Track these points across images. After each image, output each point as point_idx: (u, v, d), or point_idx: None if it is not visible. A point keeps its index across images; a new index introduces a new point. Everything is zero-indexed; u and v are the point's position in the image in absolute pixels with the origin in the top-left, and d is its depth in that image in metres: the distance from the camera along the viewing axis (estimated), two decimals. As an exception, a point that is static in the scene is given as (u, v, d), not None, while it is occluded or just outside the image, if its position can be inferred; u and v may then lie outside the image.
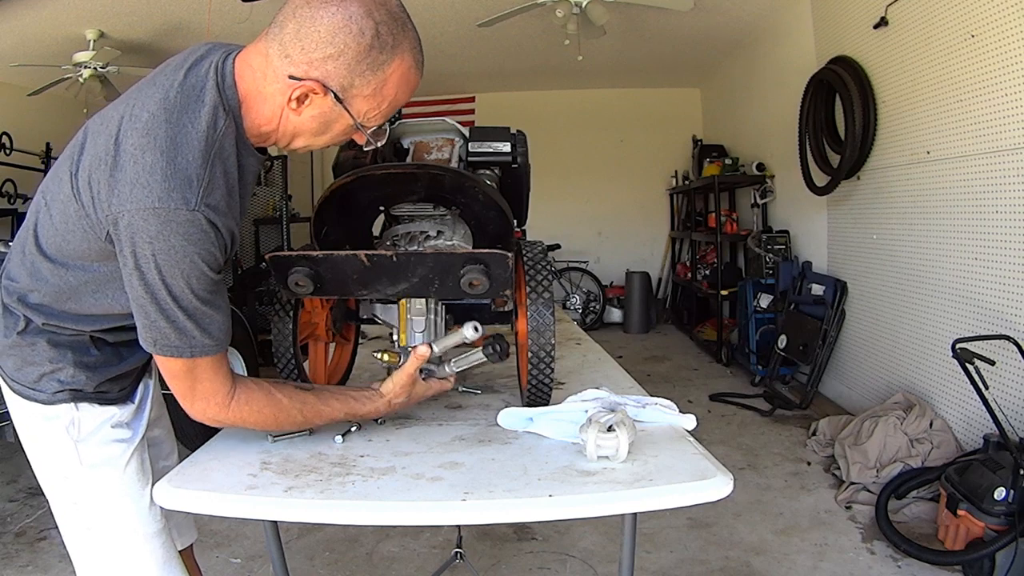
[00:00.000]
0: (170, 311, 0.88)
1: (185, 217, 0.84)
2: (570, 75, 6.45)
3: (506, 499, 0.90)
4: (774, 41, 4.83)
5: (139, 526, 1.06)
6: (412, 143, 1.37)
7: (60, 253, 0.95)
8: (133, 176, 0.84)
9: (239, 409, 0.98)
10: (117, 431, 1.06)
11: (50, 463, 1.05)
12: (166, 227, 0.84)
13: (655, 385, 4.45)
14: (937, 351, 2.90)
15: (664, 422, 1.15)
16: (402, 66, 0.92)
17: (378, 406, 1.12)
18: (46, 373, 1.00)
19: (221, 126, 0.89)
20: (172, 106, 0.87)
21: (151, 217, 0.84)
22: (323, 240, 1.21)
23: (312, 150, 1.02)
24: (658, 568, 2.26)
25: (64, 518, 1.07)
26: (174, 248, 0.85)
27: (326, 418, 1.07)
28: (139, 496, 1.07)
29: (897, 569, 2.20)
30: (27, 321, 1.00)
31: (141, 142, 0.85)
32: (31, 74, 4.53)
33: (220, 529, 2.48)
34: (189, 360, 0.92)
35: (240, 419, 0.99)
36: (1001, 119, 2.54)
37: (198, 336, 0.91)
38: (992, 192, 2.62)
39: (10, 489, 2.93)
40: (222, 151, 0.90)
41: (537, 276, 1.16)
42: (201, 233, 0.86)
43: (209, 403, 0.96)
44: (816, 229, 4.28)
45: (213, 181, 0.88)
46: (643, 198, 7.29)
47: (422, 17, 4.69)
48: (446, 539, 2.37)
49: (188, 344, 0.90)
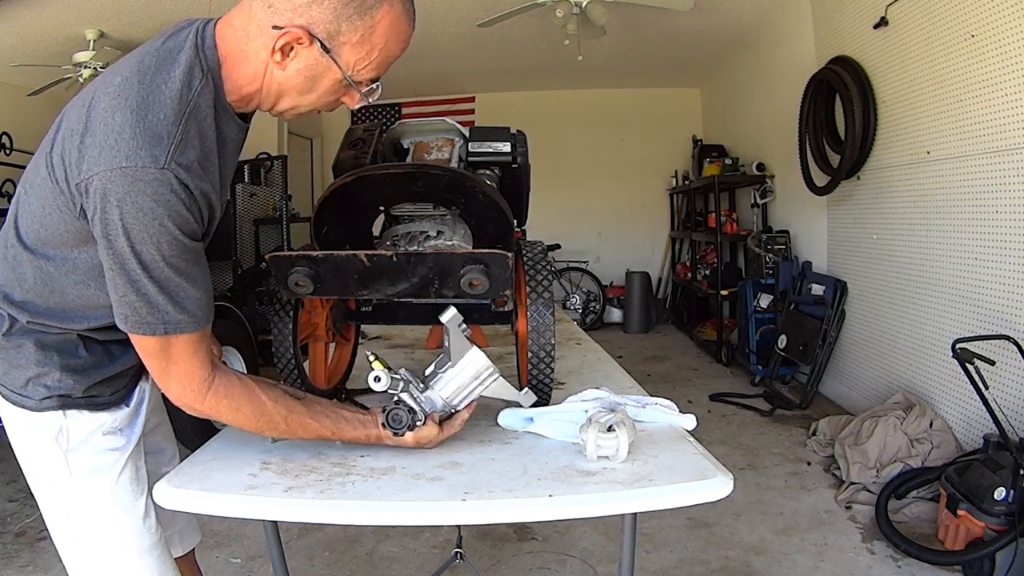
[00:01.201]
0: (140, 282, 0.82)
1: (153, 175, 0.79)
2: (570, 75, 6.45)
3: (506, 499, 0.90)
4: (774, 41, 4.83)
5: (132, 539, 1.03)
6: (412, 143, 1.37)
7: (40, 242, 0.91)
8: (102, 138, 0.80)
9: (216, 401, 0.92)
10: (110, 439, 1.02)
11: (40, 471, 1.01)
12: (133, 187, 0.79)
13: (655, 385, 4.45)
14: (937, 351, 2.90)
15: (664, 422, 1.15)
16: (392, 12, 0.87)
17: (369, 434, 1.04)
18: (32, 377, 0.96)
19: (197, 86, 0.85)
20: (146, 68, 0.84)
21: (118, 177, 0.79)
22: (323, 240, 1.21)
23: (300, 112, 0.95)
24: (658, 568, 2.26)
25: (55, 527, 1.03)
26: (142, 210, 0.79)
27: (312, 433, 1.00)
28: (132, 507, 1.03)
29: (897, 569, 2.20)
30: (12, 321, 0.96)
31: (112, 103, 0.81)
32: (31, 74, 4.53)
33: (220, 529, 2.48)
34: (162, 338, 0.86)
35: (216, 412, 0.92)
36: (1001, 119, 2.54)
37: (171, 311, 0.85)
38: (992, 192, 2.62)
39: (10, 489, 2.93)
40: (197, 112, 0.85)
41: (537, 276, 1.16)
42: (171, 193, 0.81)
43: (184, 388, 0.90)
44: (816, 229, 4.28)
45: (186, 140, 0.83)
46: (643, 198, 7.29)
47: (422, 17, 4.62)
48: (446, 539, 2.37)
49: (161, 320, 0.84)
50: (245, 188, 5.09)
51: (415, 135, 1.38)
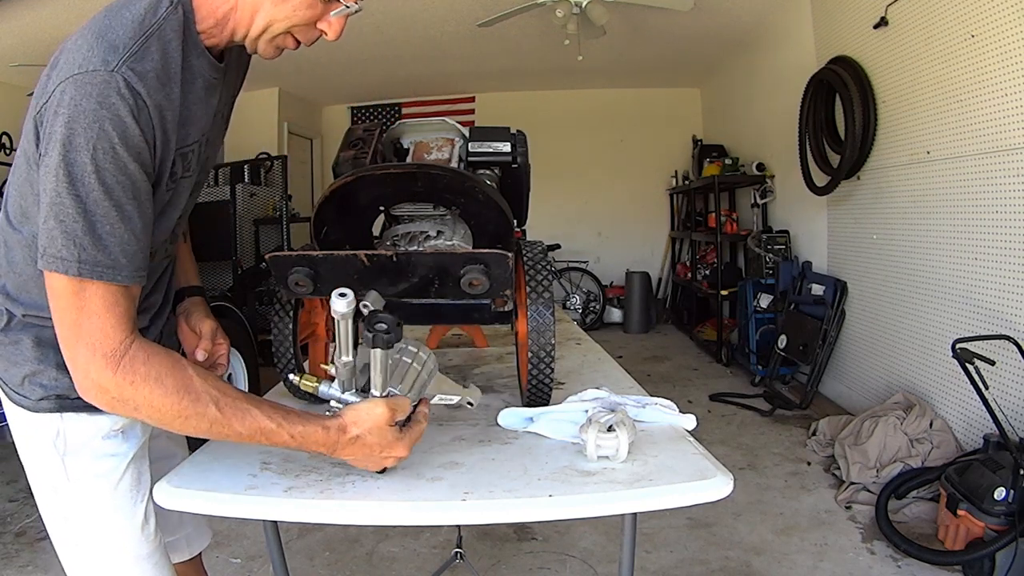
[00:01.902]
0: (62, 202, 0.73)
1: (102, 78, 0.74)
2: (570, 75, 6.45)
3: (506, 499, 0.90)
4: (774, 41, 4.83)
5: (130, 546, 1.00)
6: (412, 143, 1.38)
7: (24, 217, 0.86)
8: (63, 63, 0.76)
9: (133, 369, 0.77)
10: (109, 444, 0.97)
11: (39, 474, 0.98)
12: (80, 90, 0.73)
13: (655, 385, 4.45)
14: (937, 351, 2.90)
15: (664, 422, 1.15)
16: None
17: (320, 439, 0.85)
18: (28, 375, 0.93)
19: (163, 12, 0.81)
20: (114, 4, 0.82)
21: (69, 87, 0.73)
22: (323, 240, 1.21)
23: (275, 36, 0.88)
24: (658, 568, 2.26)
25: (54, 530, 1.00)
26: (84, 112, 0.73)
27: (248, 427, 0.82)
28: (131, 513, 1.00)
29: (897, 569, 2.20)
30: (9, 316, 0.93)
31: (76, 37, 0.78)
32: (31, 74, 4.52)
33: (220, 529, 2.47)
34: (76, 280, 0.74)
35: (131, 385, 0.77)
36: (1001, 119, 2.54)
37: (89, 247, 0.73)
38: (992, 192, 2.62)
39: (10, 489, 2.93)
40: (162, 35, 0.80)
41: (537, 276, 1.16)
42: (117, 96, 0.74)
43: (95, 352, 0.76)
44: (816, 229, 4.28)
45: (145, 52, 0.77)
46: (643, 198, 7.30)
47: (422, 17, 4.69)
48: (446, 539, 2.37)
49: (75, 255, 0.73)
50: (245, 188, 5.09)
51: (415, 135, 1.39)
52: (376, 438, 0.88)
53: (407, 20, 4.71)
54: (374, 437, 0.88)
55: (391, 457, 0.90)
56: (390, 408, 0.88)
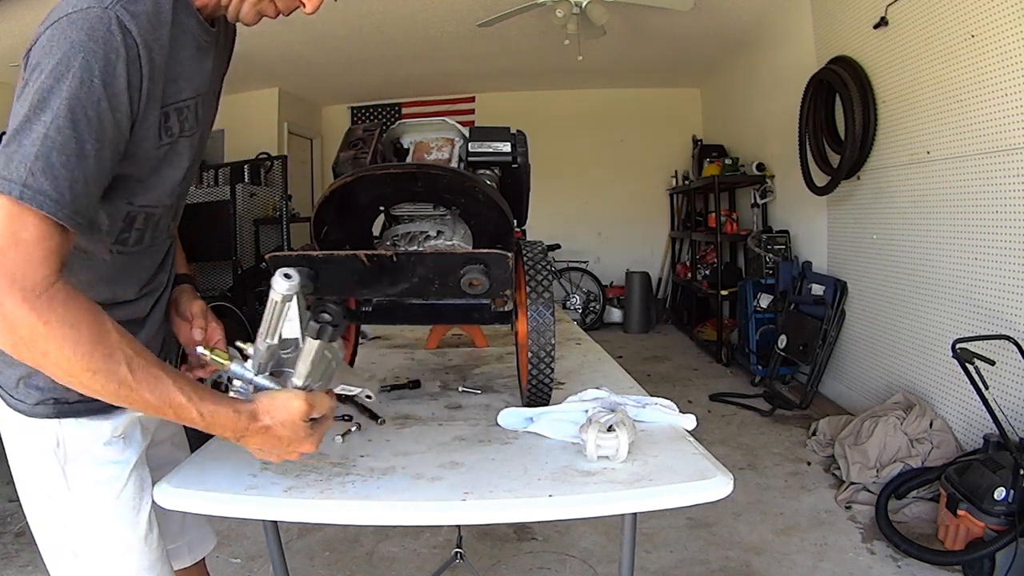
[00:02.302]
0: (26, 124, 0.70)
1: (95, 14, 0.72)
2: (570, 75, 6.45)
3: (506, 499, 0.90)
4: (774, 41, 4.84)
5: (133, 557, 0.97)
6: (412, 143, 1.38)
7: None
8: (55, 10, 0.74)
9: (51, 308, 0.71)
10: (110, 451, 0.94)
11: (33, 481, 0.94)
12: (71, 26, 0.71)
13: (655, 385, 4.45)
14: (937, 351, 2.90)
15: (664, 422, 1.15)
16: None
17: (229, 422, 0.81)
18: (23, 376, 0.89)
19: None
20: None
21: (61, 23, 0.72)
22: (323, 240, 1.21)
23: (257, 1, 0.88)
24: (658, 568, 2.26)
25: (47, 537, 0.96)
26: (72, 43, 0.71)
27: (157, 396, 0.77)
28: (134, 523, 0.97)
29: (897, 569, 2.20)
30: None
31: None
32: (31, 74, 4.53)
33: (220, 529, 2.45)
34: (15, 203, 0.69)
35: (45, 323, 0.71)
36: (1001, 119, 2.54)
37: (39, 173, 0.69)
38: (992, 192, 2.62)
39: (10, 489, 2.91)
40: None
41: (537, 276, 1.16)
42: (107, 32, 0.72)
43: (15, 282, 0.70)
44: (816, 229, 4.28)
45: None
46: (643, 198, 7.29)
47: (422, 17, 4.69)
48: (446, 539, 2.37)
49: (18, 178, 0.69)
50: (245, 188, 5.09)
51: (415, 135, 1.39)
52: (288, 431, 0.84)
53: (407, 20, 4.71)
54: (286, 430, 0.84)
55: (296, 452, 0.87)
56: (308, 403, 0.84)
